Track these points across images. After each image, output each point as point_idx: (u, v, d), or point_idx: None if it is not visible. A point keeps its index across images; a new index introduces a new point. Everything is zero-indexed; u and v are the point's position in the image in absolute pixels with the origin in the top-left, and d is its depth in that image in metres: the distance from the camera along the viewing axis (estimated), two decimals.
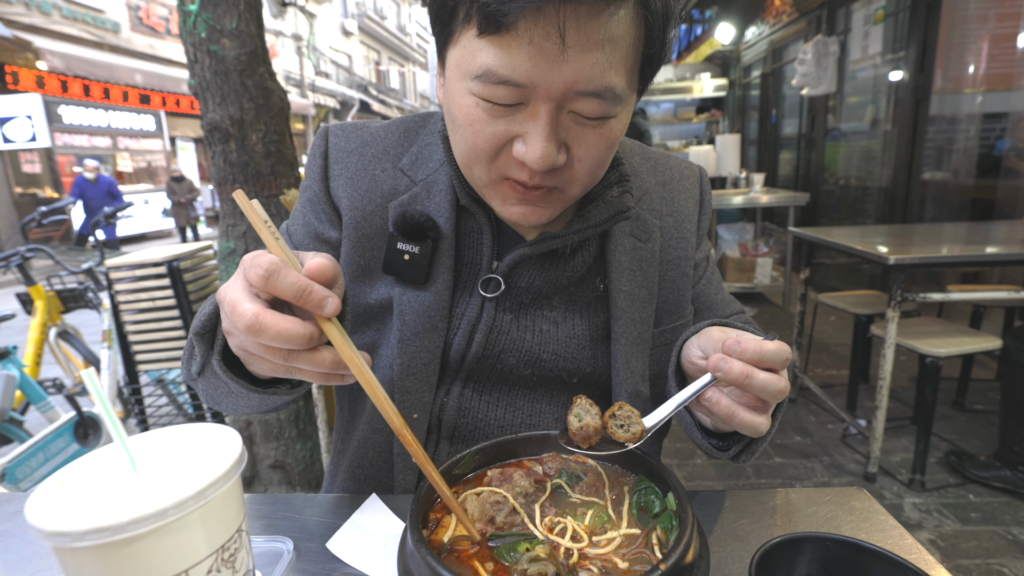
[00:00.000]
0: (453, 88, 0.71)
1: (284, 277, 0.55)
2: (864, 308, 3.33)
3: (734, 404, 0.67)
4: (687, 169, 1.01)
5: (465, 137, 0.71)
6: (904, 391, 3.79)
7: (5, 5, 11.22)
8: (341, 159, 0.90)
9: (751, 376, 0.64)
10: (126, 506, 0.44)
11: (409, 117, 0.96)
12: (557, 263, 0.85)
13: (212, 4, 2.23)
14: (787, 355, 0.66)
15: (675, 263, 0.94)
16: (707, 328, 0.79)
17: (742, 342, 0.66)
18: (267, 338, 0.54)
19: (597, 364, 0.90)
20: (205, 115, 2.35)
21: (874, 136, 5.75)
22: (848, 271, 5.94)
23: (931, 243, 2.96)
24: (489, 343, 0.85)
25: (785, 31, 7.46)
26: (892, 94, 5.36)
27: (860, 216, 6.13)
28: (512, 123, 0.68)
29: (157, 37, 15.14)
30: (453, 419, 0.86)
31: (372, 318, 0.89)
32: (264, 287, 0.55)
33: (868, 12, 5.65)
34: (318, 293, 0.56)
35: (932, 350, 2.65)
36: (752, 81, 9.17)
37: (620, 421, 0.67)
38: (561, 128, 0.68)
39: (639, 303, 0.89)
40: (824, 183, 6.75)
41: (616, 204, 0.85)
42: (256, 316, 0.54)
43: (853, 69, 6.04)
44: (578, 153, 0.70)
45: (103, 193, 10.92)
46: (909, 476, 2.80)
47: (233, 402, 0.74)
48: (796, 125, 7.49)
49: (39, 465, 2.65)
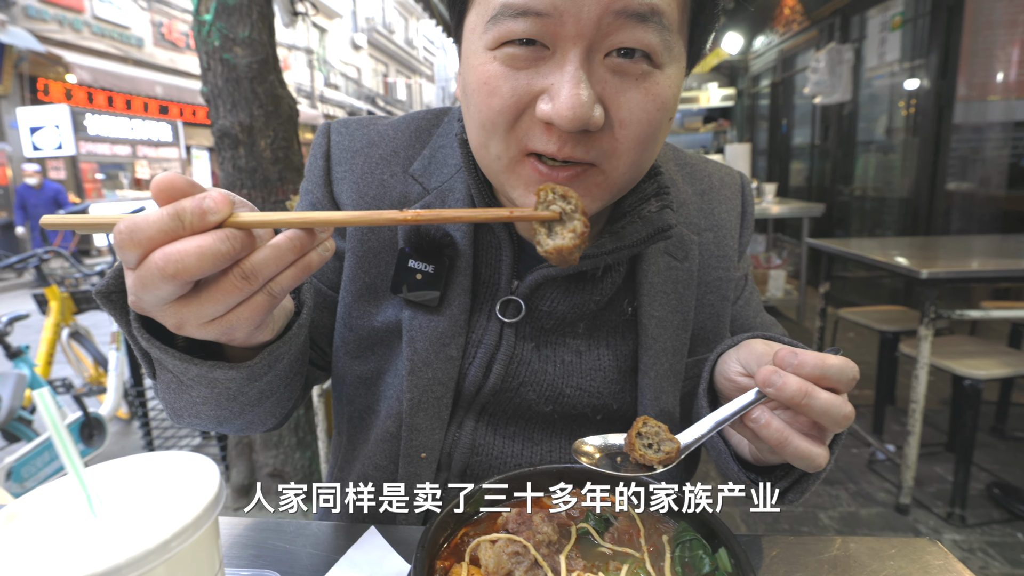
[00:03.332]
0: (469, 57, 0.61)
1: (144, 217, 0.44)
2: (890, 325, 3.18)
3: (787, 428, 0.57)
4: (727, 176, 0.91)
5: (479, 104, 0.60)
6: (935, 414, 3.59)
7: (40, 23, 11.72)
8: (345, 160, 0.81)
9: (810, 395, 0.54)
10: (75, 558, 0.37)
11: (420, 113, 0.86)
12: (584, 286, 0.75)
13: (226, 14, 2.28)
14: (854, 373, 0.57)
15: (714, 285, 0.84)
16: (748, 340, 0.69)
17: (799, 354, 0.56)
18: (144, 237, 0.43)
19: (624, 399, 0.80)
20: (216, 121, 2.38)
21: (893, 145, 5.64)
22: (867, 285, 5.80)
23: (960, 256, 2.84)
24: (508, 375, 0.76)
25: (795, 40, 7.39)
26: (912, 102, 5.26)
27: (878, 227, 6.00)
28: (535, 76, 0.58)
29: (177, 52, 15.72)
30: (465, 457, 0.77)
31: (377, 343, 0.80)
32: (133, 243, 0.43)
33: (885, 19, 5.56)
34: (192, 202, 0.44)
35: (972, 372, 2.49)
36: (761, 90, 9.11)
37: (648, 439, 0.58)
38: (596, 79, 0.57)
39: (672, 330, 0.79)
40: (839, 194, 6.63)
41: (655, 221, 0.73)
42: (125, 222, 0.43)
43: (869, 77, 5.95)
44: (620, 116, 0.59)
45: (48, 201, 9.80)
46: (947, 510, 2.63)
47: (189, 403, 0.63)
48: (808, 135, 7.40)
49: (44, 464, 2.65)
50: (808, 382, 0.55)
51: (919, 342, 2.51)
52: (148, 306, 0.47)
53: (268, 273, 0.47)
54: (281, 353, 0.59)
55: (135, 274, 0.45)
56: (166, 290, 0.45)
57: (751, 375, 0.64)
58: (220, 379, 0.57)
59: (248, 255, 0.46)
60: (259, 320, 0.50)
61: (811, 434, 0.57)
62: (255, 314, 0.49)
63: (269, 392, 0.66)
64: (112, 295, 0.55)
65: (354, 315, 0.80)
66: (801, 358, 0.55)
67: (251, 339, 0.54)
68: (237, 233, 0.45)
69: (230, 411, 0.65)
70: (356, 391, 0.83)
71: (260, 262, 0.47)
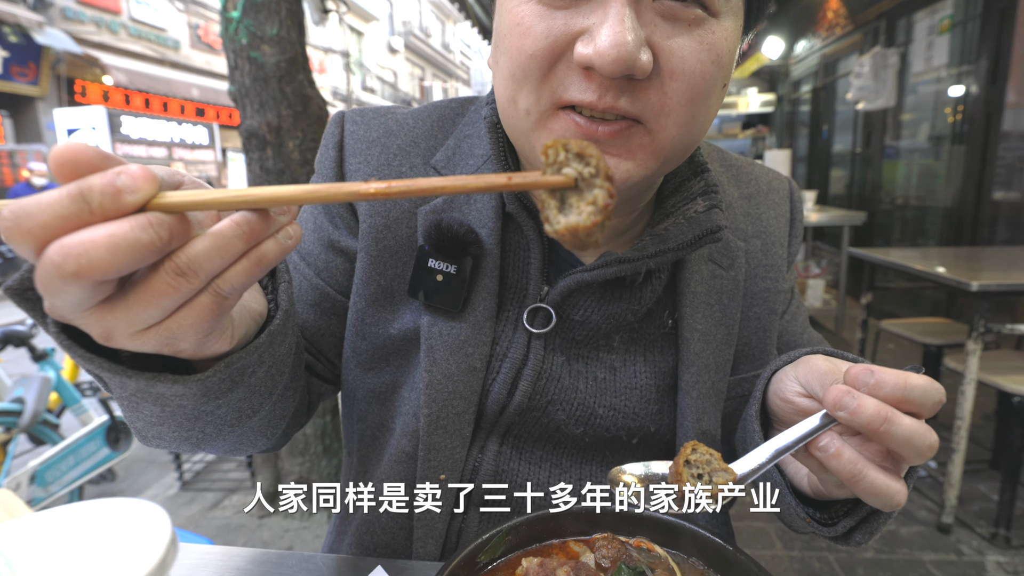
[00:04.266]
0: (505, 5, 0.55)
1: (37, 199, 0.34)
2: (934, 337, 3.07)
3: (861, 459, 0.49)
4: (775, 180, 0.84)
5: (509, 49, 0.54)
6: (978, 429, 3.44)
7: (77, 24, 12.02)
8: (360, 150, 0.74)
9: (891, 420, 0.46)
10: None
11: (444, 103, 0.79)
12: (622, 293, 0.68)
13: (254, 11, 2.25)
14: (940, 396, 0.49)
15: (762, 296, 0.76)
16: (808, 356, 0.61)
17: (876, 372, 0.48)
18: (35, 224, 0.33)
19: (663, 420, 0.73)
20: (244, 121, 2.37)
21: (939, 153, 5.43)
22: (908, 296, 5.59)
23: (1006, 268, 2.73)
24: (536, 392, 0.69)
25: (838, 44, 7.18)
26: (960, 108, 5.05)
27: (920, 237, 5.79)
28: (574, 16, 0.51)
29: (214, 54, 15.98)
30: (488, 481, 0.70)
31: (393, 353, 0.73)
32: (22, 233, 0.34)
33: (933, 22, 5.35)
34: (101, 178, 0.34)
35: (1021, 388, 2.39)
36: (802, 96, 8.90)
37: (698, 468, 0.51)
38: (644, 21, 0.51)
39: (715, 345, 0.72)
40: (880, 202, 6.42)
41: (703, 222, 0.66)
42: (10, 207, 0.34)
43: (915, 82, 5.74)
44: (670, 65, 0.52)
45: None
46: (991, 530, 2.52)
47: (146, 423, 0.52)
48: (849, 142, 7.19)
49: (69, 468, 2.65)
50: (887, 405, 0.47)
51: (967, 356, 2.41)
52: (63, 312, 0.38)
53: (211, 268, 0.38)
54: (246, 366, 0.49)
55: (36, 275, 0.36)
56: (73, 293, 0.35)
57: (812, 395, 0.58)
58: (166, 395, 0.47)
59: (183, 246, 0.37)
60: (208, 327, 0.41)
61: (885, 465, 0.50)
62: (200, 320, 0.40)
63: (248, 411, 0.56)
64: (28, 292, 0.43)
65: (367, 322, 0.73)
66: (879, 377, 0.48)
67: (203, 350, 0.45)
68: (163, 218, 0.35)
69: (199, 433, 0.54)
70: (369, 407, 0.77)
71: (199, 254, 0.37)
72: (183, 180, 0.40)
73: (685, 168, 0.72)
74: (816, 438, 0.51)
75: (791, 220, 0.82)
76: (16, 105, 11.55)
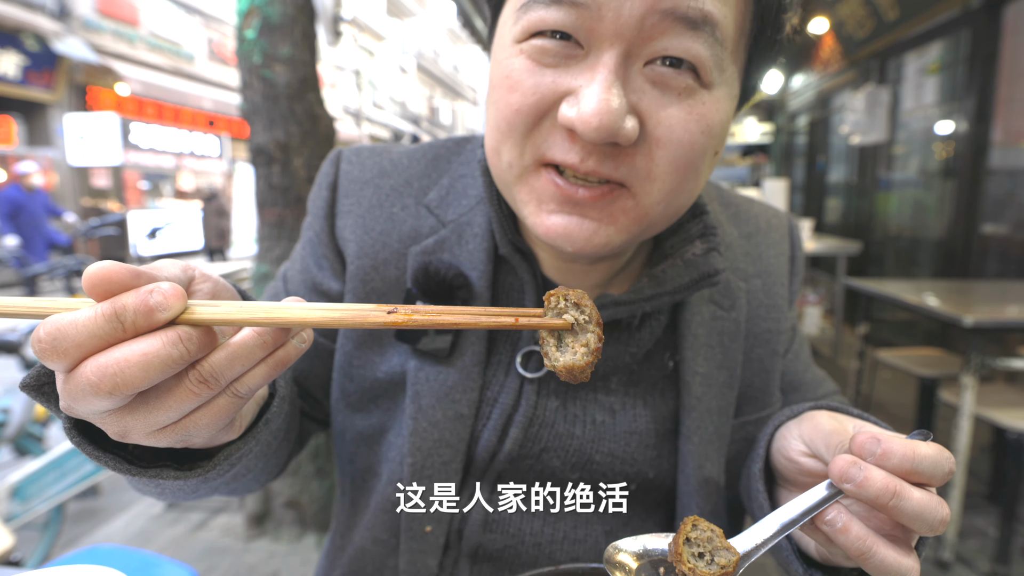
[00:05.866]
0: (496, 53, 0.56)
1: (73, 320, 0.35)
2: (928, 369, 3.07)
3: (870, 535, 0.46)
4: (774, 218, 0.81)
5: (497, 101, 0.54)
6: (974, 462, 3.36)
7: (95, 34, 12.22)
8: (353, 191, 0.72)
9: (900, 495, 0.43)
10: None
11: (439, 142, 0.78)
12: (619, 335, 0.67)
13: (269, 31, 2.32)
14: (950, 465, 0.46)
15: (763, 337, 0.74)
16: (812, 412, 0.59)
17: (883, 441, 0.45)
18: (71, 345, 0.35)
19: (662, 466, 0.69)
20: (252, 138, 2.42)
21: (930, 187, 5.55)
22: (904, 325, 5.66)
23: (997, 302, 2.74)
24: (528, 439, 0.66)
25: (834, 80, 7.37)
26: (949, 145, 5.19)
27: (913, 267, 5.88)
28: (562, 75, 0.51)
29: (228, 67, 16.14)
30: (477, 534, 0.67)
31: (380, 396, 0.70)
32: (58, 353, 0.35)
33: (922, 63, 5.52)
34: (135, 297, 0.35)
35: (1017, 424, 2.38)
36: (798, 128, 9.07)
37: (698, 547, 0.47)
38: (632, 87, 0.50)
39: (717, 388, 0.69)
40: (874, 232, 6.54)
41: (700, 265, 0.65)
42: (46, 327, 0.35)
43: (906, 119, 5.89)
44: (656, 132, 0.51)
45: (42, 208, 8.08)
46: (990, 567, 2.50)
47: (147, 492, 0.54)
48: (844, 173, 7.33)
49: (52, 483, 2.49)
50: (896, 478, 0.44)
51: (962, 391, 2.41)
52: (83, 415, 0.39)
53: (232, 375, 0.39)
54: (244, 453, 0.50)
55: (63, 385, 0.37)
56: (102, 405, 0.37)
57: (816, 455, 0.54)
58: (168, 486, 0.49)
59: (206, 355, 0.38)
60: (221, 424, 0.42)
61: (895, 535, 0.47)
62: (216, 419, 0.41)
63: (243, 474, 0.57)
64: (44, 387, 0.43)
65: (355, 364, 0.71)
66: (885, 447, 0.45)
67: (213, 441, 0.46)
68: (192, 332, 0.36)
69: (195, 495, 0.57)
70: (357, 449, 0.74)
71: (222, 363, 0.38)
72: (194, 274, 0.43)
73: None
74: (823, 511, 0.47)
75: (792, 258, 0.80)
76: (29, 110, 11.70)
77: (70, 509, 2.87)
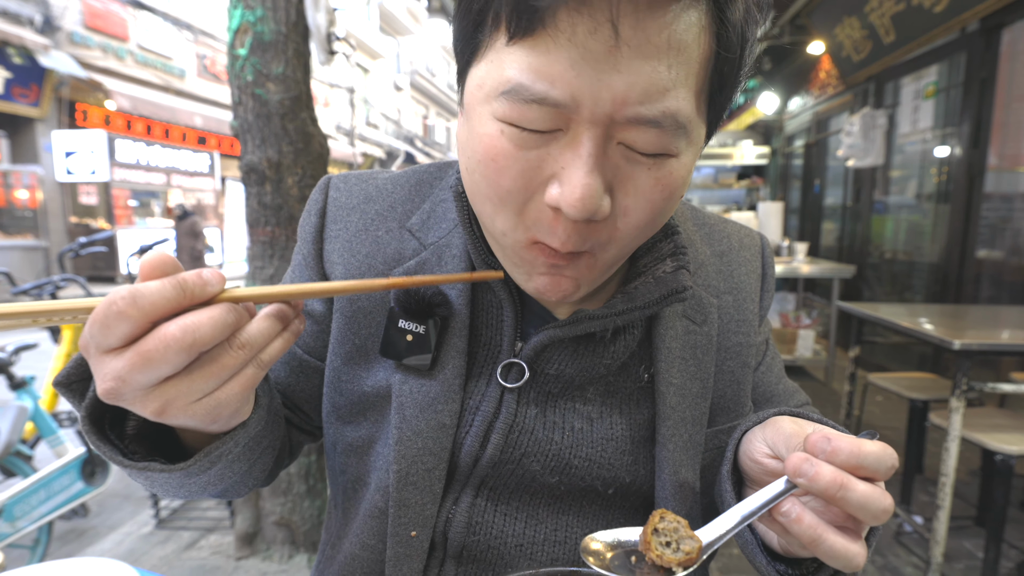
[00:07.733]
0: (473, 116, 0.56)
1: (146, 285, 0.44)
2: (919, 392, 3.10)
3: (820, 524, 0.52)
4: (747, 237, 0.86)
5: (487, 178, 0.56)
6: (963, 485, 3.46)
7: (83, 49, 12.13)
8: (340, 217, 0.77)
9: (846, 487, 0.49)
10: None
11: (424, 167, 0.82)
12: (595, 348, 0.71)
13: (261, 49, 2.29)
14: (893, 461, 0.52)
15: (734, 351, 0.79)
16: (775, 418, 0.63)
17: (832, 439, 0.51)
18: (148, 303, 0.43)
19: (639, 472, 0.74)
20: (244, 156, 2.38)
21: (925, 210, 5.56)
22: (895, 349, 5.65)
23: (990, 326, 2.77)
24: (508, 445, 0.70)
25: (830, 103, 7.42)
26: (944, 169, 5.20)
27: (907, 291, 5.88)
28: (545, 158, 0.54)
29: (220, 84, 16.15)
30: (462, 537, 0.71)
31: (368, 408, 0.75)
32: (137, 310, 0.43)
33: (918, 87, 5.56)
34: (192, 273, 0.46)
35: (1003, 447, 2.40)
36: (795, 150, 9.13)
37: (665, 536, 0.52)
38: (608, 164, 0.53)
39: (691, 399, 0.74)
40: (868, 256, 6.54)
41: (669, 282, 0.69)
42: (126, 289, 0.43)
43: (902, 143, 5.92)
44: (624, 203, 0.55)
45: None
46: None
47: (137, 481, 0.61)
48: (840, 196, 7.36)
49: (40, 503, 2.52)
50: (843, 472, 0.50)
51: (950, 414, 2.43)
52: (133, 390, 0.45)
53: (261, 343, 0.49)
54: (223, 452, 0.57)
55: (132, 352, 0.43)
56: (173, 364, 0.44)
57: (779, 457, 0.60)
58: (156, 479, 0.56)
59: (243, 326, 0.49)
60: (248, 395, 0.51)
61: (846, 526, 0.53)
62: (245, 388, 0.50)
63: (228, 476, 0.63)
64: (73, 385, 0.53)
65: (343, 379, 0.76)
66: (834, 444, 0.51)
67: (233, 420, 0.54)
68: (236, 305, 0.47)
69: (185, 492, 0.63)
70: (347, 460, 0.79)
71: (255, 331, 0.49)
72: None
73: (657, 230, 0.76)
74: (779, 503, 0.53)
75: (762, 275, 0.84)
76: (14, 126, 11.55)
77: (58, 528, 2.87)
